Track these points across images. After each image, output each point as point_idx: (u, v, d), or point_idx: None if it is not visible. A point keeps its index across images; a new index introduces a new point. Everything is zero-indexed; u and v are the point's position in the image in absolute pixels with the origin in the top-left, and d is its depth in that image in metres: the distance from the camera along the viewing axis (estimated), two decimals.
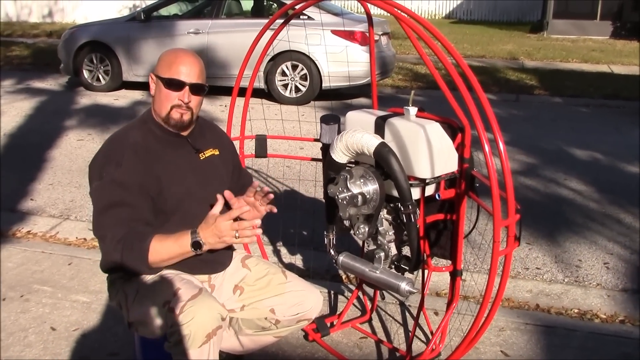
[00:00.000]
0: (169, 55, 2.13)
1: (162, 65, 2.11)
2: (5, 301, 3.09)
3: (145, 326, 2.05)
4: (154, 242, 1.92)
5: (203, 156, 2.23)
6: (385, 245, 2.36)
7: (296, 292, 2.27)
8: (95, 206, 2.03)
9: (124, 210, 1.97)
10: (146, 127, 2.16)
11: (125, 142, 2.09)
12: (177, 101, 2.09)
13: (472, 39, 16.34)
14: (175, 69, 2.08)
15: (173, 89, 2.08)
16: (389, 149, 2.15)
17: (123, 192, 1.99)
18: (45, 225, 4.21)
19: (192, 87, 2.10)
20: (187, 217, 2.11)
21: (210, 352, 1.91)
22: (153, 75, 2.14)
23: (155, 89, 2.14)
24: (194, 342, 1.87)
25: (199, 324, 1.87)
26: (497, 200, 1.93)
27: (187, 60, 2.11)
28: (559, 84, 10.24)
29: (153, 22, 9.03)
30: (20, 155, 5.97)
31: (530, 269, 3.75)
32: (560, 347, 2.80)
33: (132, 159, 2.04)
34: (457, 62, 1.96)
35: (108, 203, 1.99)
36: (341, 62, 7.90)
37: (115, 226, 1.96)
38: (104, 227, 1.99)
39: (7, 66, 11.38)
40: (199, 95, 2.14)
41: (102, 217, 2.00)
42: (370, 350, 2.77)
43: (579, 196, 5.04)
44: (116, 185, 1.99)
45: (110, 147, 2.11)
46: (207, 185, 2.19)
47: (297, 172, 5.24)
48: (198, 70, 2.12)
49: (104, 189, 2.01)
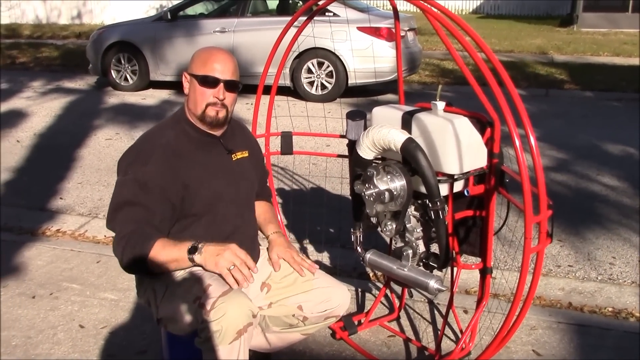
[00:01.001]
0: (203, 53, 2.13)
1: (196, 63, 2.11)
2: (35, 299, 3.12)
3: (174, 323, 2.05)
4: (157, 244, 1.94)
5: (235, 157, 2.24)
6: (413, 242, 2.32)
7: (324, 288, 2.25)
8: (113, 200, 2.04)
9: (138, 211, 1.98)
10: (179, 127, 2.15)
11: (157, 142, 2.09)
12: (212, 98, 2.08)
13: (500, 34, 16.15)
14: (209, 67, 2.08)
15: (207, 87, 2.08)
16: (416, 145, 2.11)
17: (142, 193, 1.99)
18: (74, 223, 4.25)
19: (227, 84, 2.09)
20: (217, 218, 2.13)
21: (240, 348, 1.89)
22: (187, 74, 2.13)
23: (189, 88, 2.13)
24: (224, 339, 1.86)
25: (230, 320, 1.86)
26: (528, 196, 1.89)
27: (221, 57, 2.10)
28: (590, 78, 10.05)
29: (179, 22, 9.09)
30: (50, 154, 6.06)
31: (562, 266, 3.68)
32: (594, 346, 2.73)
33: (160, 161, 2.04)
34: (487, 57, 1.92)
35: (125, 200, 2.00)
36: (367, 59, 7.85)
37: (125, 223, 1.98)
38: (115, 222, 2.02)
39: (38, 67, 11.58)
40: (234, 92, 2.13)
41: (116, 212, 2.02)
42: (399, 348, 2.73)
43: (612, 192, 4.93)
44: (138, 184, 2.00)
45: (141, 145, 2.12)
46: (237, 186, 2.20)
47: (323, 170, 5.22)
48: (232, 67, 2.11)
49: (125, 185, 2.03)
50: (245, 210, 2.28)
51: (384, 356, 2.66)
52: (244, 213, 2.27)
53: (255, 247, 2.32)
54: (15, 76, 10.59)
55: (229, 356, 1.88)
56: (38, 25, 18.86)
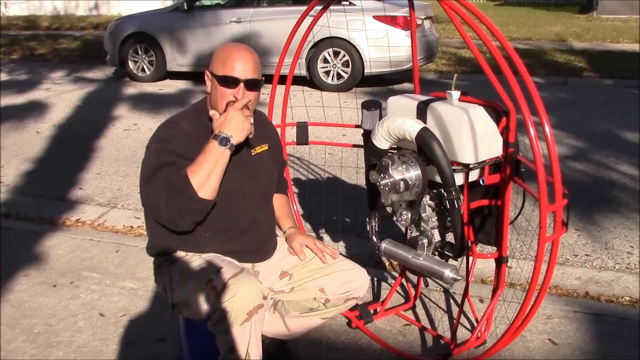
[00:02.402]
0: (223, 52, 2.10)
1: (216, 62, 2.09)
2: (55, 287, 3.18)
3: (188, 307, 2.07)
4: (189, 169, 1.93)
5: (254, 152, 2.24)
6: (428, 231, 2.33)
7: (345, 270, 2.27)
8: (143, 173, 2.05)
9: (168, 169, 1.98)
10: (199, 121, 2.15)
11: (178, 128, 2.10)
12: (233, 98, 2.07)
13: (518, 22, 15.98)
14: (229, 66, 2.06)
15: (228, 86, 2.06)
16: (431, 134, 2.12)
17: (168, 155, 2.01)
18: (93, 213, 4.31)
19: (247, 83, 2.07)
20: (235, 212, 2.14)
21: (252, 330, 1.91)
22: (208, 73, 2.12)
23: (210, 87, 2.13)
24: (235, 320, 1.88)
25: (240, 300, 1.88)
26: (543, 185, 1.88)
27: (241, 55, 2.08)
28: (610, 65, 9.92)
29: (195, 12, 9.11)
30: (69, 145, 6.12)
31: (579, 255, 3.66)
32: (612, 335, 2.72)
33: (183, 140, 2.06)
34: (502, 45, 1.91)
35: (155, 166, 2.01)
36: (383, 48, 7.81)
37: (159, 180, 1.98)
38: (150, 189, 2.01)
39: (56, 59, 11.69)
40: (255, 91, 2.12)
41: (150, 181, 2.01)
42: (414, 337, 2.75)
43: (631, 180, 4.88)
44: (165, 153, 2.01)
45: (161, 131, 2.12)
46: (255, 181, 2.20)
47: (339, 159, 5.23)
48: (253, 65, 2.08)
49: (150, 157, 2.04)
50: (263, 203, 2.30)
51: (399, 345, 2.68)
52: (262, 207, 2.28)
53: (273, 239, 2.34)
54: (34, 68, 10.70)
55: (241, 338, 1.90)
56: (56, 17, 19.00)
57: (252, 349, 1.94)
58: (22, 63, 11.31)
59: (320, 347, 2.66)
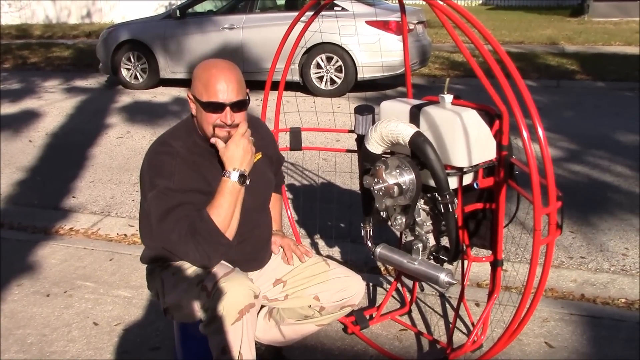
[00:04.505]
0: (203, 74, 2.00)
1: (198, 86, 2.00)
2: (49, 297, 3.15)
3: (180, 310, 2.06)
4: (209, 210, 1.93)
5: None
6: (423, 236, 2.32)
7: (340, 278, 2.26)
8: (154, 213, 2.00)
9: (181, 209, 1.96)
10: (191, 141, 2.09)
11: (173, 152, 2.04)
12: (220, 122, 2.00)
13: (510, 25, 16.03)
14: (212, 91, 1.96)
15: (213, 112, 1.99)
16: (424, 138, 2.11)
17: (180, 194, 1.98)
18: (86, 222, 4.29)
19: (233, 106, 1.99)
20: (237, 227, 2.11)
21: (244, 330, 1.90)
22: (191, 96, 2.04)
23: (195, 110, 2.05)
24: (226, 319, 1.87)
25: (231, 300, 1.87)
26: (537, 188, 1.88)
27: (223, 77, 1.98)
28: (602, 68, 9.95)
29: (188, 19, 9.12)
30: (62, 153, 6.10)
31: (575, 258, 3.66)
32: (608, 338, 2.72)
33: (183, 168, 2.01)
34: (494, 48, 1.91)
35: (166, 208, 1.97)
36: (376, 53, 7.82)
37: (177, 224, 1.94)
38: (167, 232, 1.97)
39: (49, 67, 11.66)
40: (242, 111, 2.02)
41: (162, 222, 1.97)
42: (410, 342, 2.74)
43: (625, 183, 4.89)
44: (171, 192, 1.98)
45: (158, 159, 2.05)
46: (255, 195, 2.16)
47: (333, 165, 5.22)
48: (236, 85, 1.99)
49: (158, 197, 1.99)
50: (262, 214, 2.28)
51: (395, 350, 2.67)
52: (260, 217, 2.27)
53: (268, 248, 2.33)
54: (27, 76, 10.68)
55: (233, 338, 1.89)
56: (48, 25, 18.95)
57: (245, 349, 1.92)
58: (15, 72, 11.28)
59: (316, 354, 2.65)
